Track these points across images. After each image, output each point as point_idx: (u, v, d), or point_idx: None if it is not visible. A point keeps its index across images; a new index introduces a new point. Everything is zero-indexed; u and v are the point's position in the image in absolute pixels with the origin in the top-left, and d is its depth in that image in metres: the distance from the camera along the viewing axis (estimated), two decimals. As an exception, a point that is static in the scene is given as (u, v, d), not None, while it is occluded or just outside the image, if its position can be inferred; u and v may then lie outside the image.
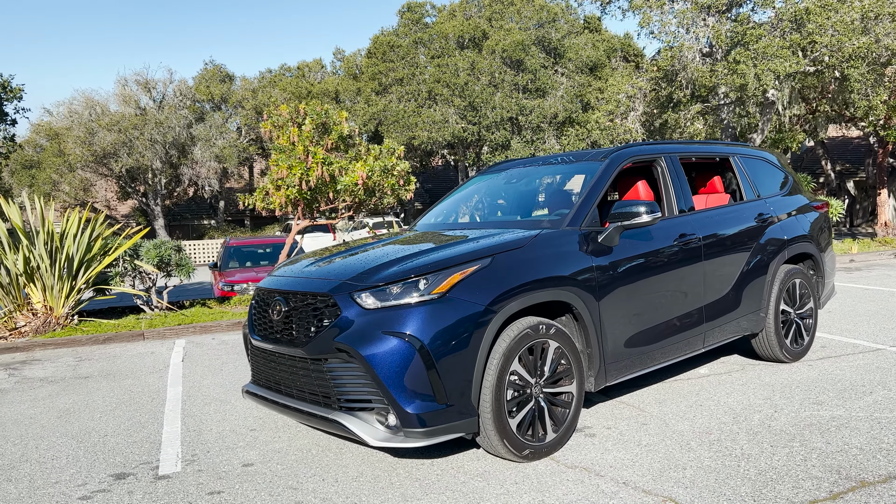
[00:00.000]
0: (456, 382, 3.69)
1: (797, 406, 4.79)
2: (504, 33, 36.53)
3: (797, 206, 6.21)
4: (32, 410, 5.84)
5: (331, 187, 10.56)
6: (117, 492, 3.93)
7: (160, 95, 36.75)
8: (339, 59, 47.00)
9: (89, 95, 34.57)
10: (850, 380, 5.38)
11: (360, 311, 3.74)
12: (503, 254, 4.02)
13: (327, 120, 10.70)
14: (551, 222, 4.55)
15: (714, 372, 5.83)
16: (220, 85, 41.01)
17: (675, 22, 13.69)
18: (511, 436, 3.87)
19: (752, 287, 5.49)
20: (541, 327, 4.01)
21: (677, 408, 4.90)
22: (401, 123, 34.32)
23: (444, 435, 3.70)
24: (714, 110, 15.17)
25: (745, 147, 6.23)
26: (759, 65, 11.99)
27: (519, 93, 36.78)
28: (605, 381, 4.44)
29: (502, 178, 5.75)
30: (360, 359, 3.64)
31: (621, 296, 4.46)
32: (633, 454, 4.07)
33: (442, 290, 3.74)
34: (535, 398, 4.03)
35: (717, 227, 5.27)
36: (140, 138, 32.97)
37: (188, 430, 5.06)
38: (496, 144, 36.59)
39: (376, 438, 3.64)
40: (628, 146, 5.14)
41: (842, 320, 7.81)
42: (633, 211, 4.42)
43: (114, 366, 7.59)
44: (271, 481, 3.96)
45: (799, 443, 4.11)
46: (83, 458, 4.53)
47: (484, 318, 3.76)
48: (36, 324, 9.75)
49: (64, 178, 32.96)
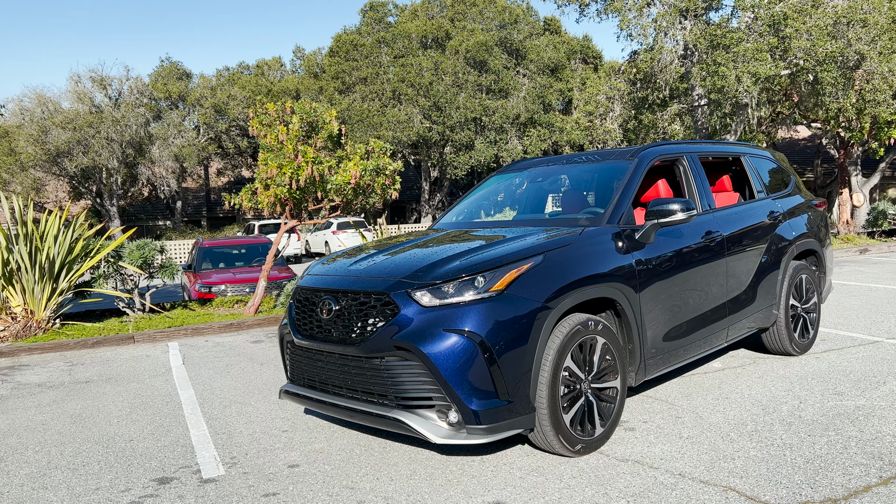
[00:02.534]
0: (515, 379, 3.72)
1: (819, 397, 4.97)
2: (467, 34, 36.69)
3: (799, 204, 6.42)
4: (42, 416, 5.65)
5: (319, 187, 10.46)
6: (167, 496, 3.84)
7: (116, 93, 35.77)
8: (299, 58, 46.53)
9: (41, 92, 33.46)
10: (860, 371, 5.59)
11: (418, 308, 3.74)
12: (554, 251, 4.07)
13: (315, 119, 10.59)
14: (590, 220, 4.62)
15: (728, 366, 5.99)
16: (177, 83, 40.15)
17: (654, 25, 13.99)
18: (566, 431, 3.92)
19: (767, 282, 5.67)
20: (590, 323, 4.07)
21: (705, 401, 5.02)
22: (365, 123, 34.14)
23: (506, 431, 3.73)
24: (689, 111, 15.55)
25: (751, 147, 6.42)
26: (739, 67, 12.35)
27: (482, 93, 36.98)
28: (644, 375, 4.53)
29: (525, 177, 5.80)
30: (421, 356, 3.64)
31: (658, 291, 4.56)
32: (678, 447, 4.16)
33: (499, 287, 3.77)
34: (585, 394, 4.09)
35: (738, 224, 5.43)
36: (96, 137, 32.03)
37: (216, 432, 4.97)
38: (460, 144, 36.73)
39: (439, 435, 3.64)
40: (654, 145, 5.25)
41: (832, 315, 8.09)
42: (669, 209, 4.52)
43: (111, 370, 7.39)
44: (324, 482, 3.93)
45: (834, 431, 4.26)
46: (116, 464, 4.42)
47: (541, 314, 3.80)
48: (16, 328, 9.41)
49: (15, 178, 31.80)
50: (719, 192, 6.26)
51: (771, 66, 12.43)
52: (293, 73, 45.35)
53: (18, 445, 4.92)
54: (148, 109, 36.21)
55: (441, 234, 5.06)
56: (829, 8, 12.90)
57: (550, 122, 35.97)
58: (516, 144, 37.14)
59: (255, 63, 45.28)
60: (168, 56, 69.05)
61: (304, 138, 10.66)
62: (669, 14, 13.56)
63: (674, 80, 13.94)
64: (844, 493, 3.43)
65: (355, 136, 34.46)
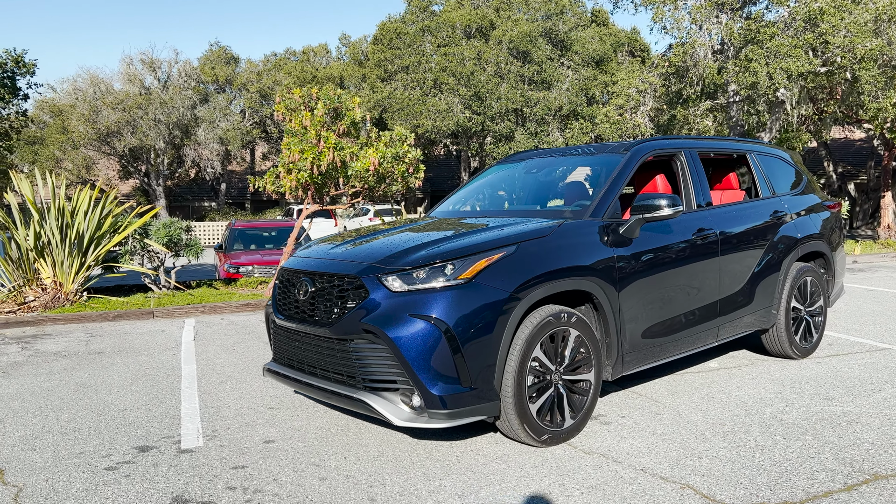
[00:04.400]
0: (479, 366, 3.75)
1: (808, 401, 4.87)
2: (511, 24, 36.44)
3: (810, 205, 6.28)
4: (49, 383, 5.90)
5: (341, 172, 10.59)
6: (142, 463, 4.00)
7: (165, 75, 36.64)
8: (344, 45, 46.87)
9: (94, 73, 34.46)
10: (858, 377, 5.46)
11: (387, 293, 3.80)
12: (528, 242, 4.08)
13: (340, 105, 10.71)
14: (574, 212, 4.61)
15: (724, 366, 5.91)
16: (224, 67, 40.90)
17: (689, 18, 13.70)
18: (531, 420, 3.94)
19: (765, 283, 5.56)
20: (562, 315, 4.07)
21: (689, 399, 4.97)
22: (405, 111, 34.27)
23: (467, 417, 3.77)
24: (724, 108, 15.21)
25: (761, 144, 6.29)
26: (771, 63, 12.00)
27: (524, 84, 36.73)
28: (622, 370, 4.51)
29: (522, 168, 5.80)
30: (386, 340, 3.70)
31: (640, 287, 4.52)
32: (648, 442, 4.15)
33: (468, 275, 3.80)
34: (555, 385, 4.10)
35: (735, 222, 5.34)
36: (144, 118, 32.90)
37: (206, 406, 5.12)
38: (500, 135, 36.58)
39: (400, 418, 3.71)
40: (650, 140, 5.19)
41: (848, 319, 7.89)
42: (655, 204, 4.48)
43: (126, 342, 7.65)
44: (293, 458, 4.03)
45: (811, 436, 4.19)
46: (105, 431, 4.60)
47: (509, 304, 3.82)
48: (45, 299, 9.80)
49: (67, 156, 32.91)
50: (725, 190, 6.16)
51: (805, 63, 12.06)
52: (338, 60, 45.75)
53: (20, 409, 5.15)
54: (195, 92, 36.99)
55: (428, 221, 5.11)
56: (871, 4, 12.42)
57: (593, 114, 35.53)
58: (557, 136, 36.82)
59: (301, 49, 45.75)
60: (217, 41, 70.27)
61: (328, 124, 10.80)
62: (704, 7, 13.24)
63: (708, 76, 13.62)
64: (803, 497, 3.39)
65: (395, 123, 34.66)
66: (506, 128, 35.86)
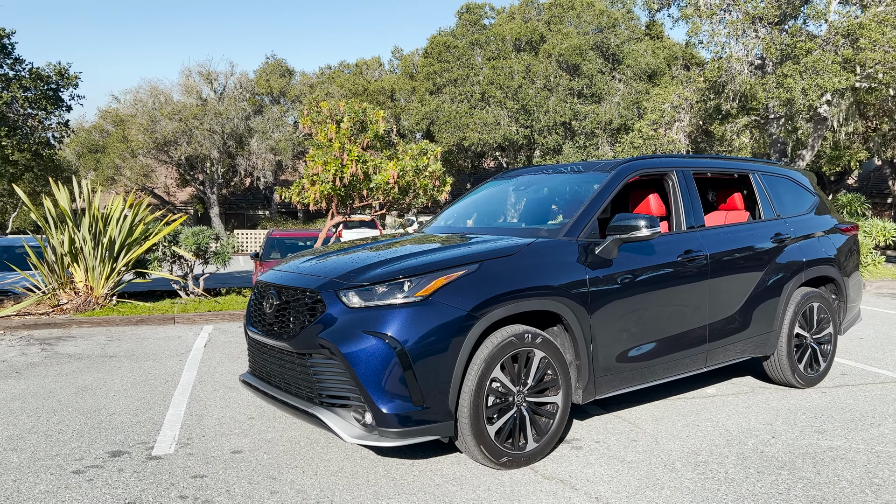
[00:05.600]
0: (433, 385, 3.72)
1: (797, 433, 4.66)
2: (561, 37, 36.26)
3: (822, 228, 6.02)
4: (54, 385, 6.11)
5: (364, 185, 10.70)
6: (109, 468, 4.09)
7: (221, 87, 37.77)
8: (397, 58, 47.46)
9: (154, 84, 35.80)
10: (861, 410, 5.20)
11: (343, 308, 3.81)
12: (492, 260, 4.04)
13: (364, 118, 10.84)
14: (549, 231, 4.53)
15: (722, 392, 5.71)
16: (279, 79, 41.90)
17: (725, 32, 13.36)
18: (488, 442, 3.88)
19: (763, 308, 5.35)
20: (526, 336, 4.01)
21: (673, 426, 4.82)
22: (452, 124, 34.42)
23: (419, 437, 3.74)
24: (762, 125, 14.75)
25: (769, 164, 6.08)
26: (806, 79, 11.57)
27: (574, 97, 36.45)
28: (594, 394, 4.40)
29: (512, 186, 5.75)
30: (339, 356, 3.71)
31: (615, 309, 4.41)
32: (614, 470, 4.03)
33: (425, 293, 3.78)
34: (518, 406, 4.03)
35: (728, 244, 5.16)
36: (199, 128, 33.95)
37: (191, 414, 5.22)
38: (548, 149, 36.38)
39: (351, 435, 3.70)
40: (638, 159, 5.08)
41: (872, 348, 7.52)
42: (631, 224, 4.38)
43: (140, 347, 7.87)
44: (254, 469, 4.07)
45: (788, 471, 4.00)
46: (87, 434, 4.73)
47: (465, 323, 3.78)
48: (77, 302, 10.18)
49: (126, 164, 34.20)
50: (730, 211, 5.98)
51: (841, 79, 11.57)
52: (391, 73, 46.33)
53: (18, 409, 5.35)
54: (250, 104, 38.01)
55: (411, 237, 5.10)
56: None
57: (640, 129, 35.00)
58: (607, 150, 36.37)
59: (354, 62, 46.52)
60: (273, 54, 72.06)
61: (353, 137, 10.94)
62: (741, 21, 12.87)
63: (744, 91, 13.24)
64: (755, 536, 3.23)
65: (442, 136, 34.86)
66: (553, 141, 35.65)
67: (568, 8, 39.28)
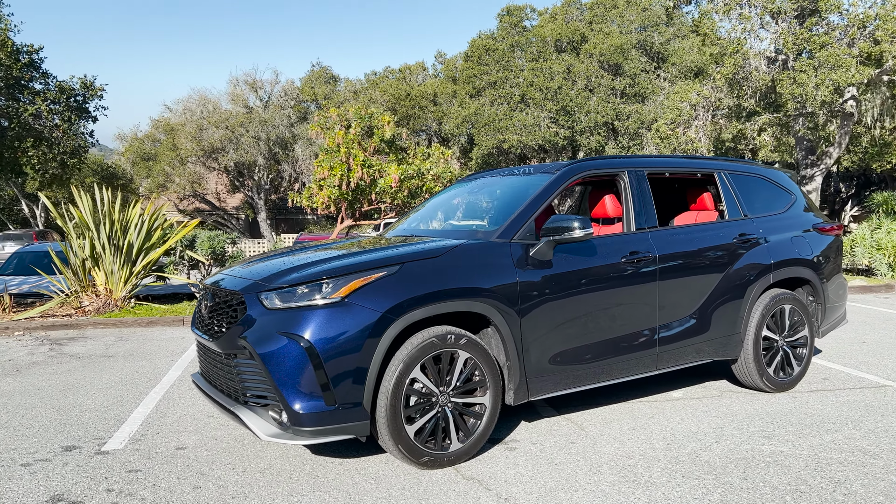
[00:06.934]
0: (346, 385, 3.78)
1: (744, 438, 4.54)
2: (603, 37, 35.82)
3: (798, 228, 5.84)
4: (45, 383, 6.42)
5: (372, 189, 10.85)
6: (56, 462, 4.30)
7: (266, 95, 38.67)
8: (440, 62, 47.72)
9: (203, 94, 36.91)
10: (824, 415, 5.02)
11: (262, 310, 3.92)
12: (414, 262, 4.08)
13: (371, 123, 10.99)
14: (484, 233, 4.54)
15: (688, 396, 5.60)
16: (324, 86, 42.61)
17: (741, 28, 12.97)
18: (407, 441, 3.92)
19: (724, 310, 5.23)
20: (449, 337, 4.04)
21: (619, 429, 4.76)
22: (491, 126, 34.39)
23: (333, 435, 3.81)
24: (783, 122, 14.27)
25: (739, 163, 5.93)
26: (819, 74, 11.13)
27: (616, 97, 35.97)
28: (526, 395, 4.39)
29: (469, 188, 5.77)
30: (256, 356, 3.81)
31: (550, 311, 4.39)
32: (537, 471, 4.02)
33: (341, 294, 3.85)
34: (442, 407, 4.06)
35: (681, 245, 5.06)
36: (245, 135, 34.85)
37: (156, 412, 5.42)
38: (589, 150, 35.94)
39: (267, 433, 3.80)
40: (585, 160, 5.04)
41: (870, 353, 7.22)
42: (564, 226, 4.35)
43: (142, 347, 8.18)
44: (188, 465, 4.21)
45: (714, 476, 3.92)
46: (51, 429, 4.97)
47: (379, 324, 3.83)
48: (97, 304, 10.62)
49: (175, 171, 35.37)
50: (701, 211, 5.87)
51: (855, 74, 11.07)
52: (434, 78, 46.61)
53: (0, 406, 5.65)
54: (295, 111, 38.78)
55: (357, 240, 5.19)
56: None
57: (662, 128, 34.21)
58: (652, 150, 35.72)
59: (398, 67, 46.99)
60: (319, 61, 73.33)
61: (363, 142, 11.11)
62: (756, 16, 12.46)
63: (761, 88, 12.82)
64: (647, 540, 3.19)
65: (482, 139, 34.88)
66: (595, 141, 35.22)
67: (611, 7, 38.81)
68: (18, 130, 12.62)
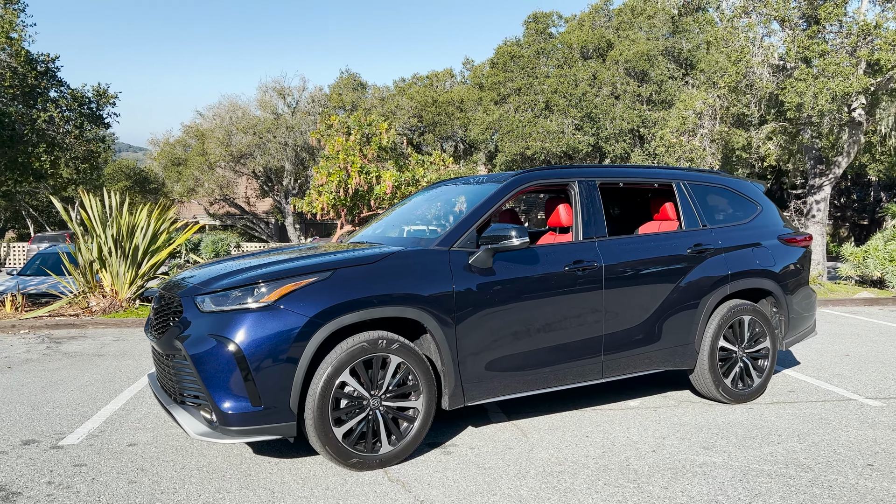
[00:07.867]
0: (272, 387, 3.91)
1: (681, 448, 4.55)
2: (629, 43, 35.62)
3: (761, 239, 5.81)
4: (30, 379, 6.68)
5: (370, 195, 11.01)
6: (11, 455, 4.50)
7: (294, 101, 39.26)
8: (467, 69, 47.89)
9: (233, 100, 37.64)
10: (773, 427, 4.99)
11: (196, 313, 4.07)
12: (346, 269, 4.19)
13: (370, 130, 11.16)
14: (425, 241, 4.64)
15: (644, 405, 5.60)
16: (352, 93, 43.10)
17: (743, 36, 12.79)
18: (335, 443, 4.03)
19: (676, 320, 5.24)
20: (380, 342, 4.14)
21: (562, 436, 4.80)
22: (515, 133, 34.42)
23: (260, 435, 3.93)
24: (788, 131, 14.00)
25: (699, 173, 5.92)
26: (817, 83, 10.91)
27: (642, 104, 35.71)
28: (462, 401, 4.47)
29: (428, 196, 5.87)
30: (188, 357, 3.96)
31: (487, 318, 4.46)
32: (463, 475, 4.09)
33: (270, 299, 3.98)
34: (373, 410, 4.16)
35: (630, 255, 5.09)
36: (273, 141, 35.44)
37: (123, 409, 5.62)
38: (615, 157, 35.73)
39: (196, 432, 3.94)
40: (533, 170, 5.10)
41: (850, 366, 7.10)
42: (501, 234, 4.43)
43: (134, 347, 8.44)
44: (132, 461, 4.37)
45: (636, 485, 3.94)
46: (19, 424, 5.20)
47: (307, 328, 3.95)
48: (104, 304, 10.97)
49: (204, 175, 36.10)
50: (663, 221, 5.88)
51: (853, 82, 10.82)
52: (461, 84, 46.79)
53: (-20, 400, 5.92)
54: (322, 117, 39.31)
55: (308, 246, 5.33)
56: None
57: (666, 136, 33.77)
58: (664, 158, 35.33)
59: (426, 74, 47.28)
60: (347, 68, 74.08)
61: (361, 149, 11.29)
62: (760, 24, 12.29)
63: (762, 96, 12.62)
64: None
65: (505, 146, 34.92)
66: (620, 148, 35.00)
67: (638, 13, 38.56)
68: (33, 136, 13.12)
